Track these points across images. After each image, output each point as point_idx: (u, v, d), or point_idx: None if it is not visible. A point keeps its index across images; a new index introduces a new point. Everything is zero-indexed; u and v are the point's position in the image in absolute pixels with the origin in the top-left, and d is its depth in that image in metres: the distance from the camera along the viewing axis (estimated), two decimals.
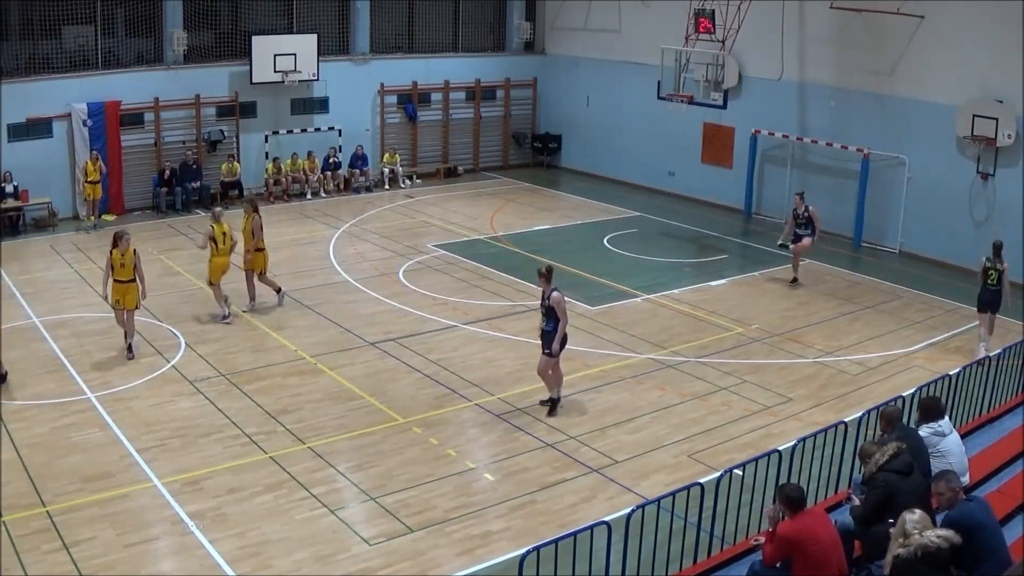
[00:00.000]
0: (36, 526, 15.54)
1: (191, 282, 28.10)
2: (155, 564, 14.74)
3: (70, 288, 27.79)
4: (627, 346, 23.47)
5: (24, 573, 14.22)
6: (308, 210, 37.19)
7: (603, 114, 42.39)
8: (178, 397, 20.53)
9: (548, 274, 19.39)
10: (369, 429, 19.08)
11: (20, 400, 20.27)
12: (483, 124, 44.56)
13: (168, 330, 24.35)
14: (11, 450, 18.07)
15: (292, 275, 28.55)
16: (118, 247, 22.43)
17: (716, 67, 33.20)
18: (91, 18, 36.16)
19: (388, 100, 41.96)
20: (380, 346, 23.32)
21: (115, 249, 22.44)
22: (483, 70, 44.13)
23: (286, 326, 24.67)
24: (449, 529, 15.58)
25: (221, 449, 18.21)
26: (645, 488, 16.72)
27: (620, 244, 32.32)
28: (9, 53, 34.62)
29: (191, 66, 37.49)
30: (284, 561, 14.66)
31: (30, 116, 34.26)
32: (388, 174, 40.68)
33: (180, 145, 37.48)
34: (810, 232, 27.67)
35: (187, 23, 37.30)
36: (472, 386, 21.08)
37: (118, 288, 22.34)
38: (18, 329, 24.41)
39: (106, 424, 19.19)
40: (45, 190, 34.56)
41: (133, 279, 22.39)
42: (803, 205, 27.73)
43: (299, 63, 38.42)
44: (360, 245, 32.09)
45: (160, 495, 16.54)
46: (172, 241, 32.72)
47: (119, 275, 22.33)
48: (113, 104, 35.56)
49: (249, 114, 38.78)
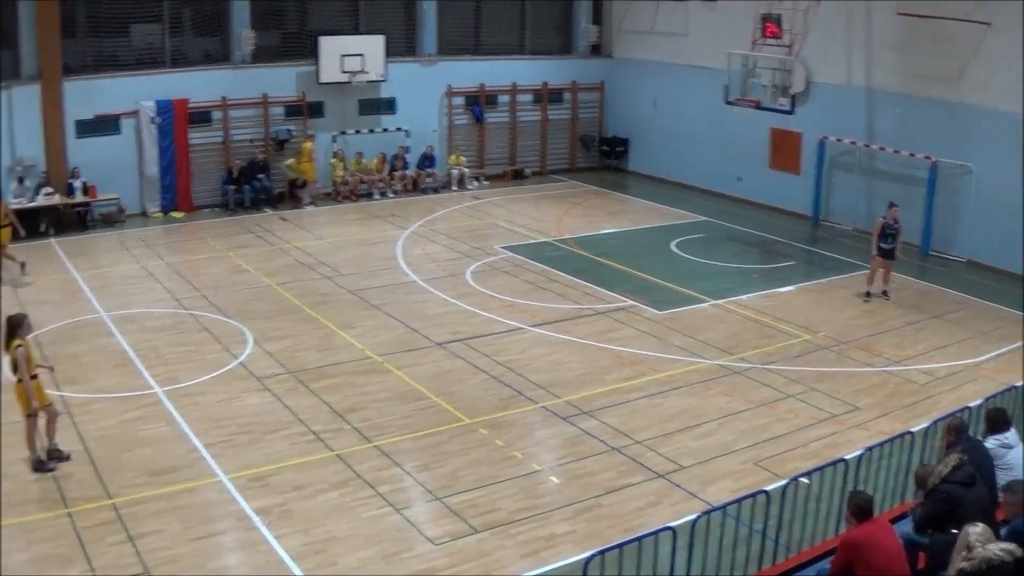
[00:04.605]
0: (101, 518, 15.65)
1: (259, 279, 28.25)
2: (220, 558, 14.79)
3: (137, 283, 28.01)
4: (694, 351, 23.31)
5: (89, 565, 14.32)
6: (376, 210, 37.24)
7: (670, 118, 42.14)
8: (245, 393, 20.61)
9: None
10: (435, 429, 19.04)
11: (87, 393, 20.44)
12: (550, 127, 44.43)
13: (236, 327, 24.45)
14: (78, 442, 18.23)
15: (359, 275, 28.67)
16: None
17: (783, 72, 32.96)
18: (159, 17, 36.55)
19: (455, 102, 41.98)
20: (447, 346, 23.29)
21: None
22: (550, 73, 44.02)
23: (354, 325, 24.68)
24: (514, 531, 15.51)
25: (288, 446, 18.26)
26: (711, 494, 16.58)
27: (687, 248, 32.13)
28: (77, 50, 34.98)
29: (258, 66, 37.68)
30: (349, 559, 14.65)
31: (98, 113, 34.59)
32: (456, 175, 40.67)
33: (248, 143, 37.69)
34: (895, 245, 27.03)
35: (254, 23, 37.51)
36: (538, 388, 20.98)
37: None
38: (85, 323, 24.68)
39: (173, 419, 19.30)
40: (113, 186, 34.87)
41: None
42: (894, 216, 27.03)
43: (366, 64, 38.50)
44: (428, 246, 32.09)
45: (226, 490, 16.61)
46: (240, 239, 32.89)
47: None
48: (181, 102, 35.84)
49: (317, 114, 38.92)
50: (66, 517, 15.72)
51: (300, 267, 29.45)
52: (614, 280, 28.36)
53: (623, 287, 27.65)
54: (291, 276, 28.59)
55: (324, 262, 29.98)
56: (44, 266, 29.40)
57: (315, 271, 29.11)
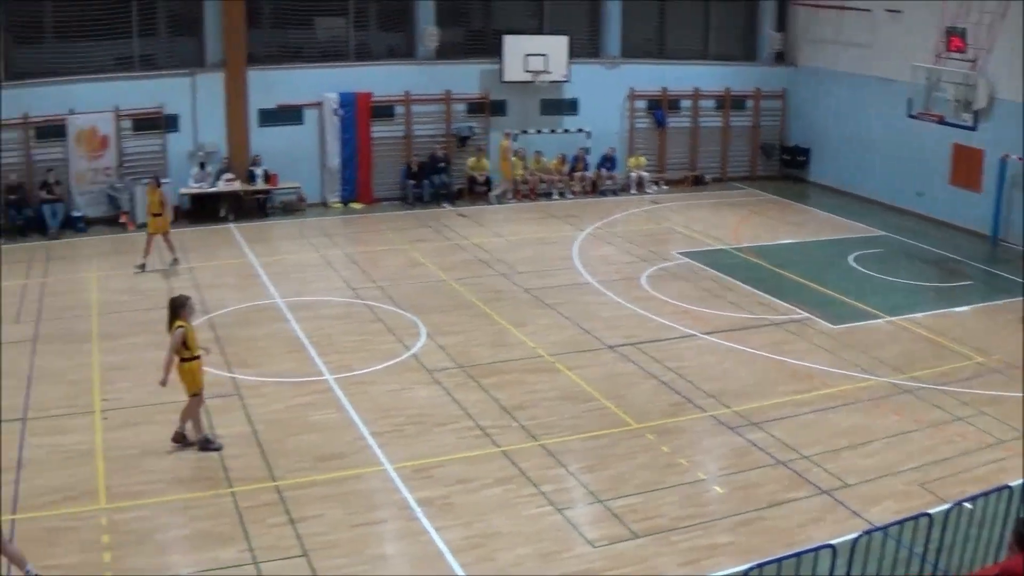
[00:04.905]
0: (265, 499, 15.77)
1: (435, 274, 28.27)
2: (379, 546, 14.76)
3: (314, 272, 28.34)
4: (866, 368, 22.51)
5: (248, 544, 14.44)
6: (554, 210, 37.04)
7: (852, 129, 41.06)
8: (416, 385, 20.56)
9: None
10: (602, 432, 18.69)
11: (259, 377, 20.63)
12: (731, 134, 43.77)
13: (410, 319, 24.45)
14: (246, 424, 18.43)
15: (535, 274, 28.48)
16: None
17: (966, 87, 31.93)
18: (344, 10, 37.04)
19: (637, 105, 41.59)
20: (619, 350, 22.91)
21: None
22: (733, 79, 43.24)
23: (527, 323, 24.47)
24: (675, 538, 15.09)
25: (454, 439, 18.12)
26: (874, 514, 15.92)
27: (865, 263, 31.19)
28: (261, 41, 35.58)
29: (442, 62, 37.82)
30: (507, 555, 14.44)
31: (281, 103, 35.16)
32: (635, 178, 40.32)
33: (429, 139, 37.85)
34: None
35: (439, 19, 37.68)
36: (708, 397, 20.48)
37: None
38: (261, 308, 25.02)
39: (342, 406, 19.36)
40: (294, 175, 35.37)
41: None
42: None
43: (550, 64, 38.31)
44: (604, 248, 31.75)
45: (390, 479, 16.53)
46: (418, 233, 33.00)
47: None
48: (364, 96, 36.19)
49: (499, 112, 38.89)
50: (229, 496, 15.85)
51: (476, 263, 29.40)
52: (789, 291, 27.64)
53: (798, 299, 26.97)
54: (467, 272, 28.55)
55: (501, 259, 29.87)
56: (222, 250, 29.96)
57: (491, 268, 29.01)
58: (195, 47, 34.87)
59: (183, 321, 17.28)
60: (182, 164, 34.36)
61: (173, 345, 17.13)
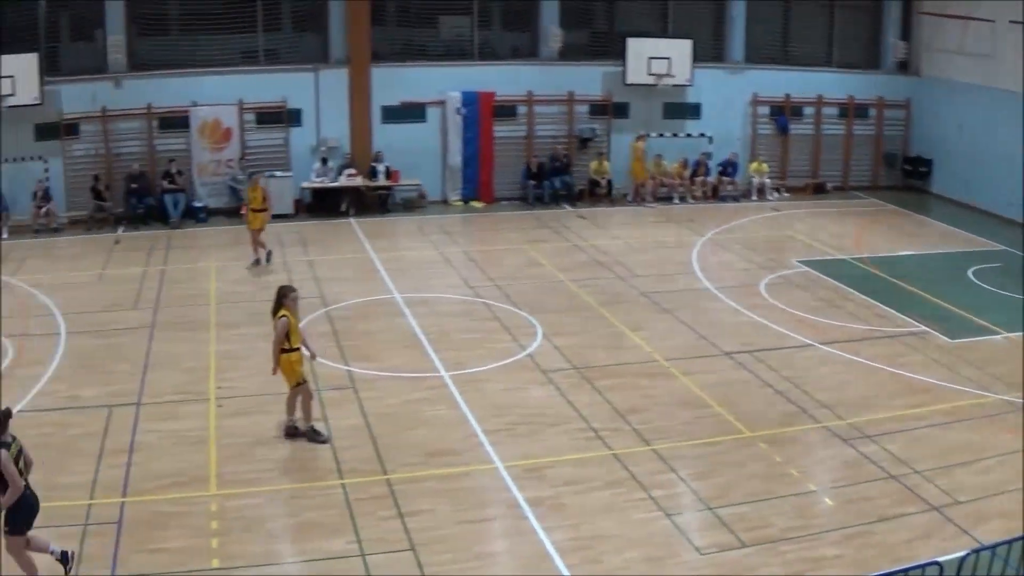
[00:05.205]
0: (375, 492, 15.90)
1: (553, 274, 28.29)
2: (486, 543, 14.81)
3: (433, 268, 28.58)
4: (983, 384, 21.96)
5: (356, 536, 14.58)
6: (674, 214, 36.88)
7: (976, 141, 40.13)
8: (530, 385, 20.57)
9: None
10: (714, 439, 18.53)
11: (375, 371, 20.81)
12: (854, 142, 43.09)
13: (526, 319, 24.48)
14: (360, 417, 18.62)
15: (653, 277, 28.35)
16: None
17: None
18: (468, 10, 37.30)
19: (760, 111, 41.25)
20: (734, 356, 22.67)
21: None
22: (856, 87, 42.47)
23: (643, 327, 24.34)
24: (782, 549, 14.87)
25: (567, 440, 18.07)
26: (983, 533, 15.52)
27: (985, 277, 30.47)
28: (385, 38, 35.94)
29: (565, 63, 37.82)
30: (614, 558, 14.35)
31: (404, 100, 35.46)
32: (756, 185, 40.00)
33: (551, 140, 37.88)
34: None
35: (563, 20, 37.71)
36: (822, 407, 20.16)
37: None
38: (380, 303, 25.31)
39: (456, 403, 19.45)
40: (415, 172, 35.73)
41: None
42: None
43: (673, 67, 38.10)
44: (724, 254, 31.52)
45: (500, 478, 16.56)
46: (537, 233, 33.08)
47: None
48: (487, 95, 36.37)
49: (621, 114, 38.78)
50: (339, 488, 16.04)
51: (595, 265, 29.34)
52: (908, 303, 27.10)
53: (916, 311, 26.51)
54: (585, 273, 28.50)
55: (619, 262, 29.76)
56: (343, 245, 30.36)
57: (610, 270, 28.92)
58: (319, 43, 35.35)
59: (287, 311, 17.46)
60: (304, 158, 34.87)
61: (278, 336, 17.32)
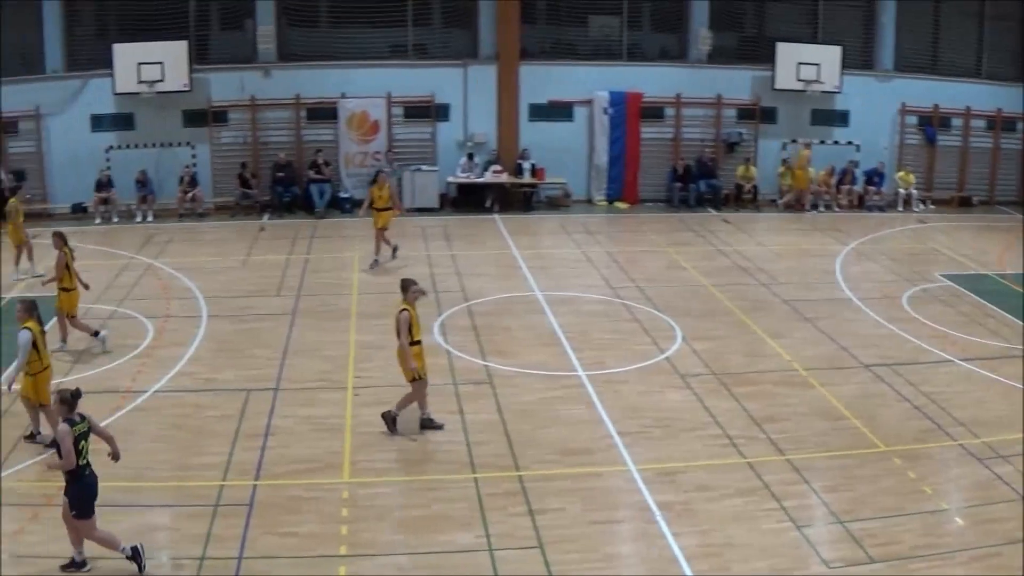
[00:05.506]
0: (506, 488, 16.00)
1: (695, 278, 28.22)
2: (614, 545, 14.81)
3: (575, 267, 28.72)
4: None
5: (485, 531, 14.68)
6: (819, 222, 36.49)
7: None
8: (667, 388, 20.51)
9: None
10: (849, 451, 18.26)
11: (513, 367, 20.94)
12: (1001, 156, 42.06)
13: (667, 321, 24.43)
14: (496, 412, 18.77)
15: (796, 285, 28.06)
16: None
17: None
18: (618, 10, 37.39)
19: (908, 121, 40.56)
20: (873, 369, 22.33)
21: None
22: (1005, 99, 41.42)
23: (783, 335, 24.11)
24: (911, 566, 14.57)
25: (700, 446, 18.00)
26: None
27: None
28: (534, 36, 36.18)
29: (714, 66, 37.74)
30: (742, 567, 14.24)
31: (551, 99, 35.66)
32: (903, 195, 39.39)
33: (698, 143, 37.78)
34: None
35: (712, 23, 37.62)
36: (959, 425, 19.72)
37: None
38: (520, 299, 25.51)
39: (592, 403, 19.47)
40: (561, 171, 35.92)
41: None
42: None
43: (822, 73, 37.75)
44: (867, 264, 31.08)
45: (632, 480, 16.52)
46: (681, 236, 33.04)
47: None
48: (635, 96, 36.44)
49: (769, 120, 38.55)
50: (471, 482, 16.18)
51: (737, 271, 29.20)
52: None
53: None
54: (727, 279, 28.34)
55: (762, 268, 29.54)
56: (487, 240, 30.63)
57: (752, 276, 28.73)
58: (468, 39, 35.72)
59: (408, 304, 17.64)
60: (450, 153, 35.27)
61: (402, 329, 17.47)
